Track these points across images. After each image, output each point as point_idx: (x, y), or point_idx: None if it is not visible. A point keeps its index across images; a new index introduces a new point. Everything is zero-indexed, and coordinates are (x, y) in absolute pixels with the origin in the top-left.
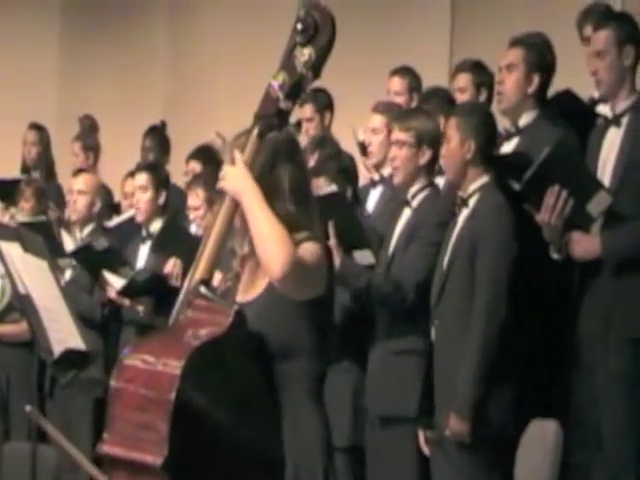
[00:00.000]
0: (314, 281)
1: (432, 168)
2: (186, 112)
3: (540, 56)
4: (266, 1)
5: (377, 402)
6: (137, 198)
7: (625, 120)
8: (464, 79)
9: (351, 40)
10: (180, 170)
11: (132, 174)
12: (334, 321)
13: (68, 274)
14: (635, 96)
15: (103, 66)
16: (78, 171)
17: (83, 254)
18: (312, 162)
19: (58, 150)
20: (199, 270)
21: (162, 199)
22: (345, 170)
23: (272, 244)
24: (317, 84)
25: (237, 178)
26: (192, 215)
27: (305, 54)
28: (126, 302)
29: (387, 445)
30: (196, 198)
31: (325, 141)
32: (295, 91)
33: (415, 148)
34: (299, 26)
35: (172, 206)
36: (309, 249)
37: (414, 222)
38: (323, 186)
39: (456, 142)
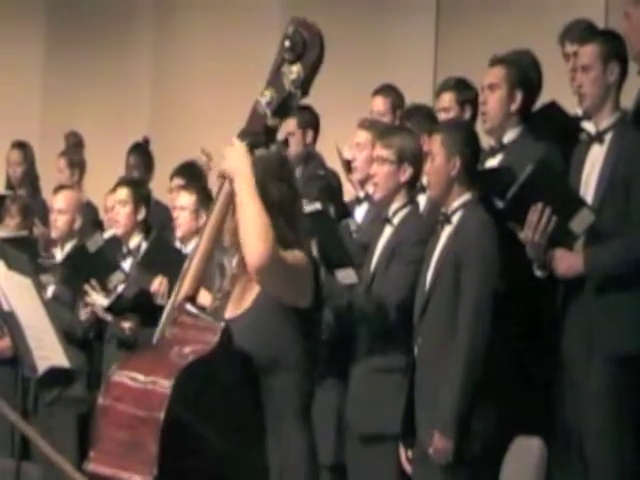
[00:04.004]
0: (295, 284)
1: (413, 185)
2: (170, 129)
3: (522, 72)
4: (250, 19)
5: (359, 420)
6: (116, 212)
7: (608, 137)
8: (448, 98)
9: (335, 58)
10: (164, 186)
11: (114, 189)
12: (321, 337)
13: (50, 290)
14: (618, 113)
15: (87, 83)
16: (58, 188)
17: (75, 258)
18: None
19: (42, 166)
20: (184, 287)
21: (141, 215)
22: (327, 188)
23: (255, 232)
24: (304, 101)
25: (236, 158)
26: (175, 214)
27: (293, 71)
28: (108, 318)
29: (369, 463)
30: (188, 198)
31: (310, 158)
32: (283, 108)
33: (396, 165)
34: (287, 43)
35: (157, 223)
36: (294, 254)
37: (395, 240)
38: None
39: (441, 159)
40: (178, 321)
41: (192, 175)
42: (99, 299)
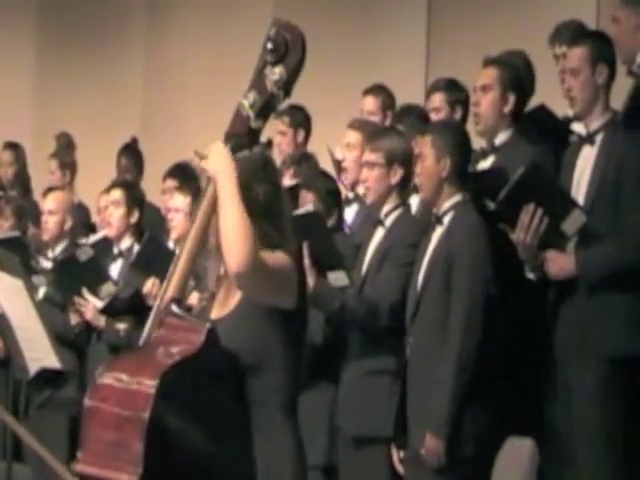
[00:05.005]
0: (279, 287)
1: (404, 187)
2: (161, 129)
3: (515, 74)
4: (240, 20)
5: (350, 422)
6: (109, 213)
7: (599, 138)
8: (438, 99)
9: (327, 57)
10: (155, 187)
11: (108, 190)
12: (306, 338)
13: (41, 292)
14: (609, 114)
15: (79, 84)
16: (48, 190)
17: (65, 268)
18: (288, 178)
19: (34, 167)
20: (170, 288)
21: (135, 217)
22: (335, 192)
23: (235, 237)
24: (296, 101)
25: (218, 157)
26: (170, 215)
27: (276, 73)
28: (101, 323)
29: (361, 465)
30: (183, 200)
31: (304, 159)
32: (266, 110)
33: (386, 168)
34: (269, 45)
35: (148, 224)
36: (277, 256)
37: (387, 242)
38: (311, 202)
39: (431, 160)
40: (164, 323)
41: (185, 176)
42: (93, 301)
